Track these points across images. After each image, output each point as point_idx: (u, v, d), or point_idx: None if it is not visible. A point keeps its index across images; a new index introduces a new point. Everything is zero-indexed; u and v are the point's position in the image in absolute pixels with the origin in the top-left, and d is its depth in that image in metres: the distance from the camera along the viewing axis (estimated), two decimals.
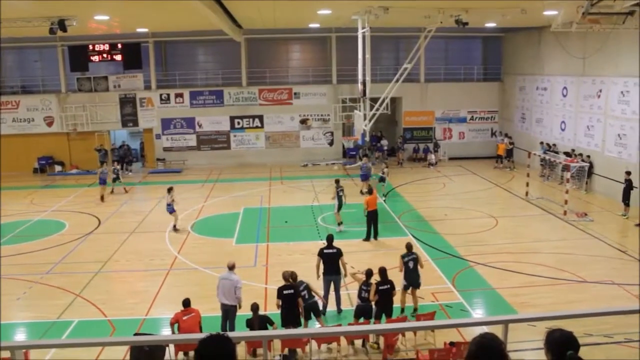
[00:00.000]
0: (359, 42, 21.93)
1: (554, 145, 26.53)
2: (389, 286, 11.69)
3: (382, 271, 11.85)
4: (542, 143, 27.23)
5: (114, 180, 25.95)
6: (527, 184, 23.62)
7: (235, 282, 11.73)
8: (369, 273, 12.02)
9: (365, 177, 24.13)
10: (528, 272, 15.05)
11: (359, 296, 11.93)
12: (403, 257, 12.96)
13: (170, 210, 19.79)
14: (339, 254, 13.24)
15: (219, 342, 3.06)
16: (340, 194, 19.51)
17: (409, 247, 13.31)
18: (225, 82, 32.84)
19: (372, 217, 18.18)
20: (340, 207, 19.46)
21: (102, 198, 24.46)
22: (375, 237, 18.28)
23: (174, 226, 19.83)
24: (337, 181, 20.07)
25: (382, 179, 23.36)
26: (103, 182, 24.57)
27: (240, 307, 11.78)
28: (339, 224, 19.35)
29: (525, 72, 30.53)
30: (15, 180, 29.13)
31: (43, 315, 13.26)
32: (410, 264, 12.81)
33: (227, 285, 11.73)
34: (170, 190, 19.90)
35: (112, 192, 25.72)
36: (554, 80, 27.37)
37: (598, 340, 10.26)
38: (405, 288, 12.85)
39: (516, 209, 22.21)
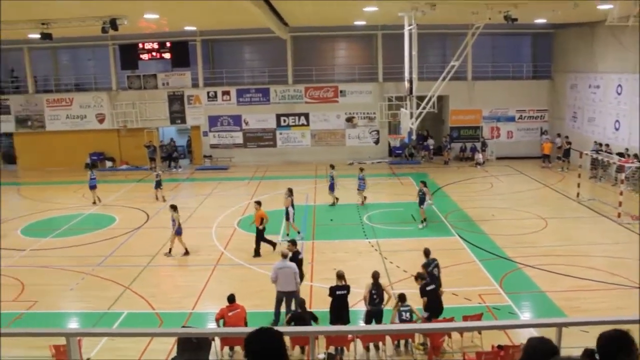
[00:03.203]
0: (406, 40, 21.67)
1: (607, 145, 25.71)
2: (434, 286, 11.50)
3: (422, 275, 11.60)
4: (595, 142, 26.47)
5: (157, 185, 24.07)
6: (579, 185, 22.96)
7: (293, 269, 12.24)
8: (375, 276, 11.62)
9: (332, 187, 22.79)
10: (579, 276, 14.61)
11: (370, 302, 11.46)
12: (426, 265, 12.43)
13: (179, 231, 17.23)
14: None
15: (267, 336, 3.04)
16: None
17: (427, 252, 12.71)
18: (271, 80, 33.06)
19: (257, 234, 17.03)
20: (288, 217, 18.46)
21: (95, 202, 23.79)
22: (257, 254, 16.92)
23: (170, 250, 17.26)
24: (290, 190, 18.79)
25: (421, 201, 19.62)
26: (93, 187, 23.69)
27: (298, 290, 12.23)
28: (298, 232, 18.47)
29: (577, 69, 29.68)
30: (68, 175, 29.99)
31: (94, 306, 13.63)
32: (435, 271, 12.44)
33: (287, 273, 12.17)
34: (174, 208, 17.36)
35: (163, 199, 23.86)
36: (607, 78, 26.51)
37: None
38: None
39: (567, 210, 21.62)
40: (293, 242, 13.45)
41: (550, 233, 18.60)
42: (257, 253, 16.88)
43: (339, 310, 11.33)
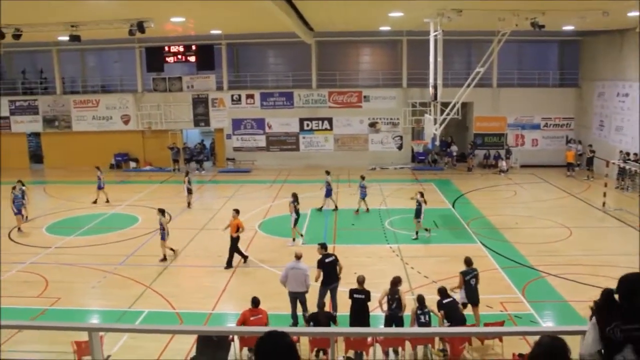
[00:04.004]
0: (431, 46, 21.60)
1: (635, 154, 25.25)
2: (452, 299, 11.33)
3: (442, 290, 11.35)
4: (621, 152, 26.04)
5: (189, 191, 23.32)
6: (605, 194, 22.59)
7: (305, 271, 12.32)
8: (395, 281, 11.47)
9: (329, 193, 22.55)
10: (604, 286, 14.29)
11: (388, 307, 11.36)
12: (464, 274, 12.05)
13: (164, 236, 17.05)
14: (336, 261, 13.04)
15: (275, 338, 3.04)
16: (298, 207, 18.58)
17: (469, 262, 12.31)
18: (295, 84, 33.15)
19: (232, 243, 16.40)
20: (297, 221, 18.67)
21: (95, 201, 24.44)
22: (229, 265, 16.31)
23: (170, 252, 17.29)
24: (294, 195, 18.79)
25: (417, 213, 18.81)
26: (100, 187, 24.46)
27: (307, 292, 12.41)
28: (293, 239, 18.50)
29: (605, 77, 29.28)
30: (93, 175, 30.26)
31: (116, 304, 13.79)
32: (472, 282, 12.06)
33: (298, 274, 12.26)
34: (162, 212, 17.40)
35: (189, 205, 23.38)
36: (636, 86, 26.04)
37: None
38: (464, 306, 11.99)
39: (592, 219, 21.31)
40: (323, 246, 13.17)
41: (574, 242, 18.34)
42: (229, 264, 16.28)
43: (357, 314, 11.28)
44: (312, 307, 12.22)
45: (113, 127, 33.23)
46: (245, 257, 16.64)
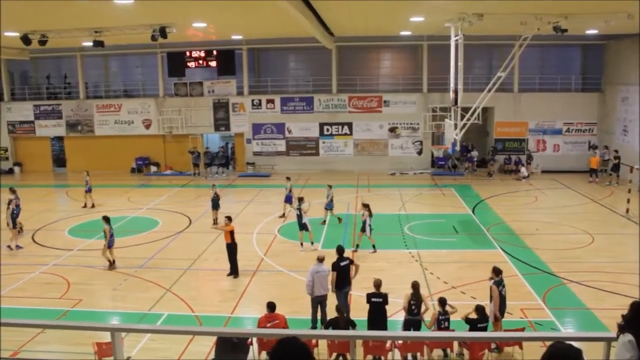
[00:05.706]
0: (452, 50, 21.49)
1: None
2: (486, 325, 10.96)
3: (481, 309, 10.91)
4: None
5: (214, 206, 21.70)
6: (628, 201, 22.25)
7: (327, 272, 12.46)
8: (415, 285, 11.36)
9: (289, 199, 22.05)
10: (628, 294, 14.12)
11: (409, 311, 11.25)
12: (498, 284, 11.56)
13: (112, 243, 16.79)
14: (350, 264, 13.04)
15: (289, 344, 3.04)
16: (298, 213, 18.36)
17: (498, 272, 11.82)
18: (315, 89, 33.25)
19: (229, 251, 16.03)
20: (300, 227, 18.43)
21: (85, 205, 24.62)
22: (233, 274, 15.98)
23: (112, 262, 16.80)
24: (299, 199, 18.84)
25: (362, 226, 18.16)
26: (89, 190, 24.45)
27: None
28: (301, 244, 18.46)
29: (629, 82, 28.86)
30: (115, 179, 30.73)
31: (136, 307, 13.91)
32: (503, 292, 11.69)
33: (323, 276, 12.32)
34: (107, 220, 16.95)
35: (215, 222, 21.26)
36: None
37: None
38: (496, 319, 11.56)
39: (615, 226, 20.99)
40: (339, 249, 13.09)
41: (596, 249, 18.08)
42: (233, 271, 15.99)
43: (376, 318, 11.25)
44: (330, 313, 12.21)
45: (135, 132, 33.62)
46: (236, 272, 16.03)
